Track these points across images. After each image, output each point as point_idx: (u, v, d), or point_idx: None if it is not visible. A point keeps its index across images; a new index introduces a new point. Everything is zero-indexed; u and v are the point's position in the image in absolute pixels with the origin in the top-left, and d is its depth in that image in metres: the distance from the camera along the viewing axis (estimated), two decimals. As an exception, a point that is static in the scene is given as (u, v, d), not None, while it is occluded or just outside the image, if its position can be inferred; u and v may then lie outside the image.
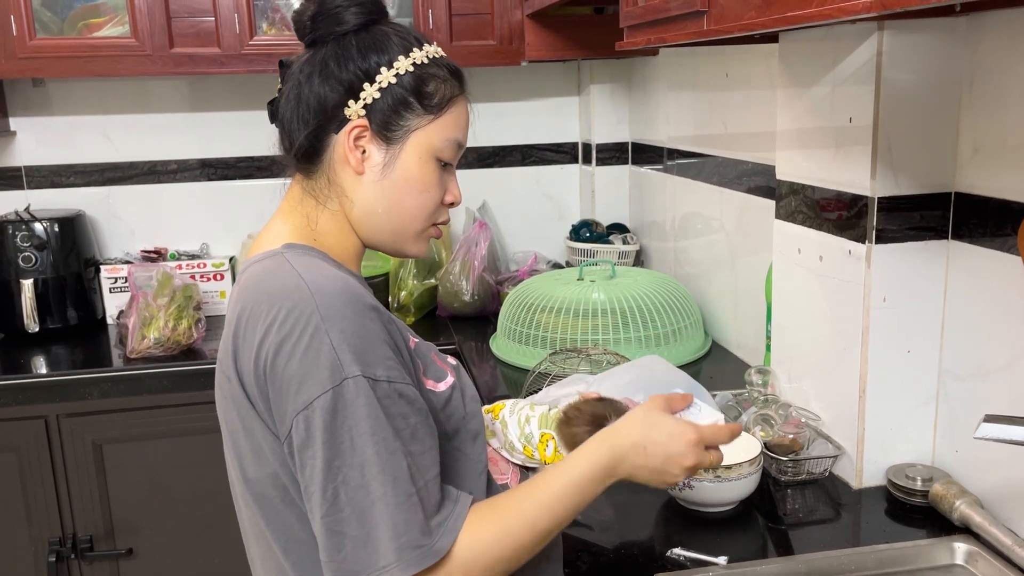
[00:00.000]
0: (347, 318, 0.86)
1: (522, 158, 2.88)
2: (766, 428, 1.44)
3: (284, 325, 0.86)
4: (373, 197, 0.98)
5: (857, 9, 0.84)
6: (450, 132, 0.99)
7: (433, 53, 1.00)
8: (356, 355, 0.84)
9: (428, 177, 0.99)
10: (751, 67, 1.84)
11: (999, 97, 1.19)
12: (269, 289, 0.90)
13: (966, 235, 1.26)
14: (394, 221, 1.00)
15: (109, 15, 2.31)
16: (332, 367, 0.83)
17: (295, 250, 0.96)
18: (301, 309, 0.86)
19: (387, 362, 0.87)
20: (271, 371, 0.86)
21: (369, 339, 0.86)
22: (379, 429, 0.83)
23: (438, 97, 0.98)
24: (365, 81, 0.96)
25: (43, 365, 2.24)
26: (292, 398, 0.84)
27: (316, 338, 0.84)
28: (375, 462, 0.83)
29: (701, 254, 2.20)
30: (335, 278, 0.90)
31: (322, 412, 0.83)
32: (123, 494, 2.21)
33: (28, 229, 2.37)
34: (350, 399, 0.83)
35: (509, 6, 2.44)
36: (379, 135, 0.97)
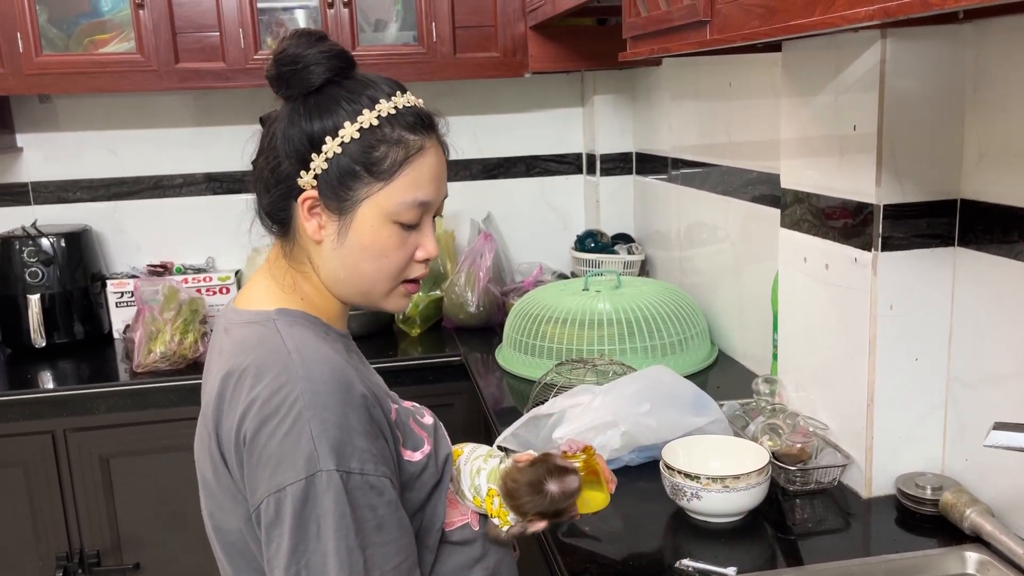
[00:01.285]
0: (329, 408, 0.88)
1: (526, 169, 2.88)
2: (774, 438, 1.43)
3: (269, 404, 0.88)
4: (334, 264, 0.98)
5: (860, 17, 0.84)
6: (405, 195, 0.96)
7: (388, 110, 0.96)
8: (333, 448, 0.86)
9: (384, 243, 0.97)
10: (754, 76, 1.84)
11: (1004, 103, 1.19)
12: (259, 362, 0.91)
13: (973, 242, 1.25)
14: (358, 285, 1.00)
15: (115, 31, 2.32)
16: (308, 457, 0.86)
17: (287, 318, 0.97)
18: (288, 392, 0.88)
19: (363, 454, 0.88)
20: (250, 445, 0.88)
21: (349, 431, 0.88)
22: (343, 525, 0.86)
23: (388, 162, 0.95)
24: (312, 151, 0.95)
25: (50, 380, 2.24)
26: (267, 478, 0.87)
27: (298, 424, 0.86)
28: (334, 555, 0.86)
29: (706, 263, 2.20)
30: (325, 360, 0.91)
31: (293, 499, 0.86)
32: (130, 509, 2.21)
33: (35, 244, 2.38)
34: (320, 491, 0.85)
35: (512, 19, 2.45)
36: (329, 205, 0.96)
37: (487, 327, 2.48)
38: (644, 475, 1.45)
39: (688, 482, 1.27)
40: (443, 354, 2.32)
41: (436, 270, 2.58)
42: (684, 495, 1.28)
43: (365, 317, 2.38)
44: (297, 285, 1.01)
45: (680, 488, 1.28)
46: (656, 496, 1.35)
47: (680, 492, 1.28)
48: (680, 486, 1.28)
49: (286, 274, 1.01)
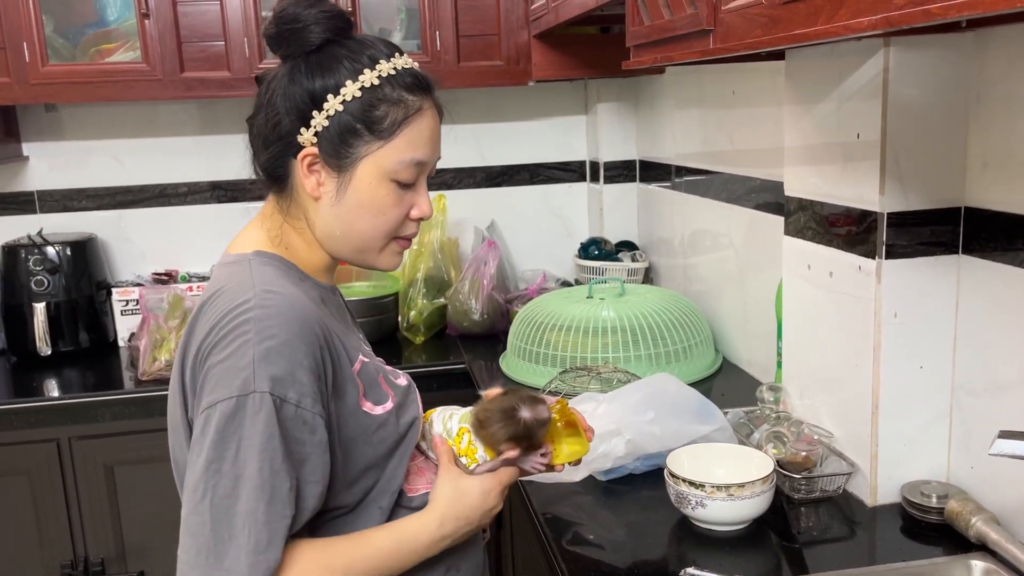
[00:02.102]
0: (276, 337, 0.89)
1: (530, 177, 2.89)
2: (778, 446, 1.43)
3: (222, 329, 0.90)
4: (330, 221, 1.01)
5: (863, 27, 0.84)
6: (404, 154, 0.99)
7: (388, 70, 0.98)
8: (271, 374, 0.87)
9: (382, 200, 1.00)
10: (757, 84, 1.85)
11: (1007, 112, 1.19)
12: (224, 291, 0.95)
13: (977, 250, 1.25)
14: (352, 242, 1.03)
15: (121, 41, 2.33)
16: (245, 378, 0.87)
17: (262, 258, 1.01)
18: (241, 319, 0.90)
19: (302, 388, 0.89)
20: (200, 367, 0.91)
21: (291, 361, 0.89)
22: (269, 448, 0.86)
23: (388, 121, 0.98)
24: (313, 108, 0.97)
25: (55, 388, 2.24)
26: (205, 396, 0.89)
27: (242, 348, 0.88)
28: (254, 477, 0.86)
29: (710, 271, 2.20)
30: (285, 296, 0.93)
31: (220, 415, 0.87)
32: (135, 517, 2.21)
33: (40, 253, 2.39)
34: (250, 412, 0.86)
35: (516, 27, 2.46)
36: (329, 163, 0.98)
37: (491, 335, 2.48)
38: (648, 483, 1.45)
39: (693, 490, 1.27)
40: (447, 362, 2.32)
41: (440, 278, 2.59)
42: (689, 503, 1.28)
43: (369, 325, 2.39)
44: (285, 237, 1.03)
45: (685, 496, 1.28)
46: (661, 504, 1.35)
47: (685, 500, 1.28)
48: (685, 494, 1.28)
49: (278, 228, 1.03)
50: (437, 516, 1.01)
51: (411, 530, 1.00)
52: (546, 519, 1.36)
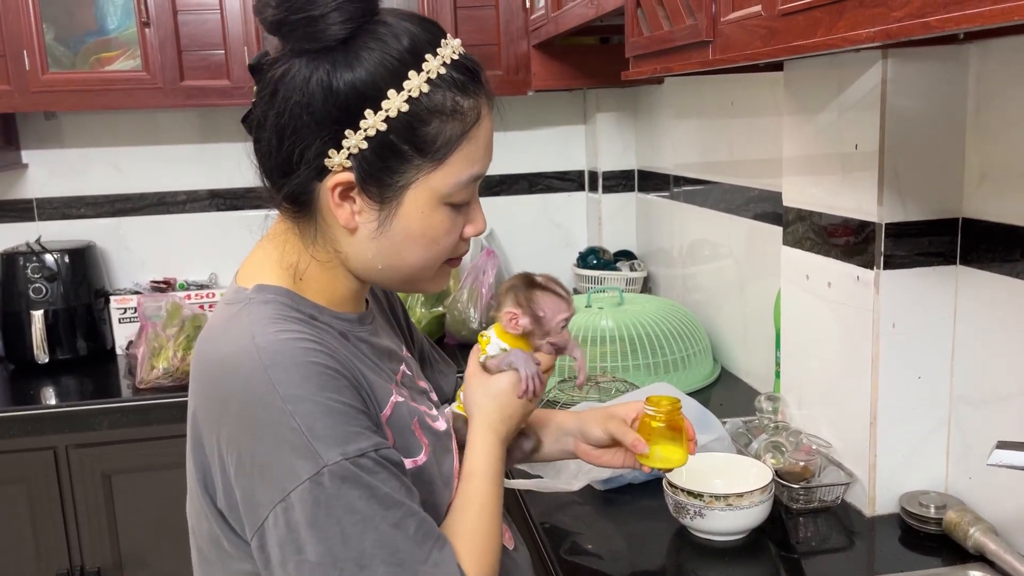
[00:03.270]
0: (309, 396, 0.75)
1: (529, 186, 2.89)
2: (777, 455, 1.43)
3: (239, 402, 0.76)
4: (370, 255, 0.84)
5: (861, 39, 0.84)
6: (461, 173, 0.82)
7: (437, 69, 0.80)
8: (332, 438, 0.75)
9: (436, 229, 0.84)
10: (756, 95, 1.86)
11: (1004, 123, 1.20)
12: (221, 353, 0.79)
13: (975, 260, 1.26)
14: (400, 273, 0.87)
15: (121, 49, 2.34)
16: (305, 455, 0.74)
17: (264, 294, 0.84)
18: (255, 387, 0.76)
19: (364, 432, 0.77)
20: (225, 449, 0.77)
21: (340, 415, 0.76)
22: (373, 512, 0.75)
23: (442, 139, 0.80)
24: (347, 127, 0.78)
25: (52, 396, 2.24)
26: (260, 489, 0.75)
27: (280, 426, 0.74)
28: (375, 550, 0.75)
29: (709, 280, 2.20)
30: (290, 340, 0.78)
31: (301, 506, 0.74)
32: (132, 525, 2.20)
33: (39, 260, 2.39)
34: (333, 490, 0.74)
35: (515, 37, 2.47)
36: (368, 192, 0.81)
37: (489, 344, 2.47)
38: (647, 493, 1.45)
39: (691, 500, 1.27)
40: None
41: (439, 287, 2.59)
42: (687, 513, 1.27)
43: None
44: (302, 267, 0.86)
45: (683, 506, 1.28)
46: (659, 514, 1.34)
47: (683, 510, 1.28)
48: (683, 504, 1.28)
49: (295, 256, 0.86)
50: (485, 428, 0.94)
51: (480, 460, 0.93)
52: (544, 528, 1.36)
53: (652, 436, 1.05)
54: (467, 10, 2.44)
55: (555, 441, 1.15)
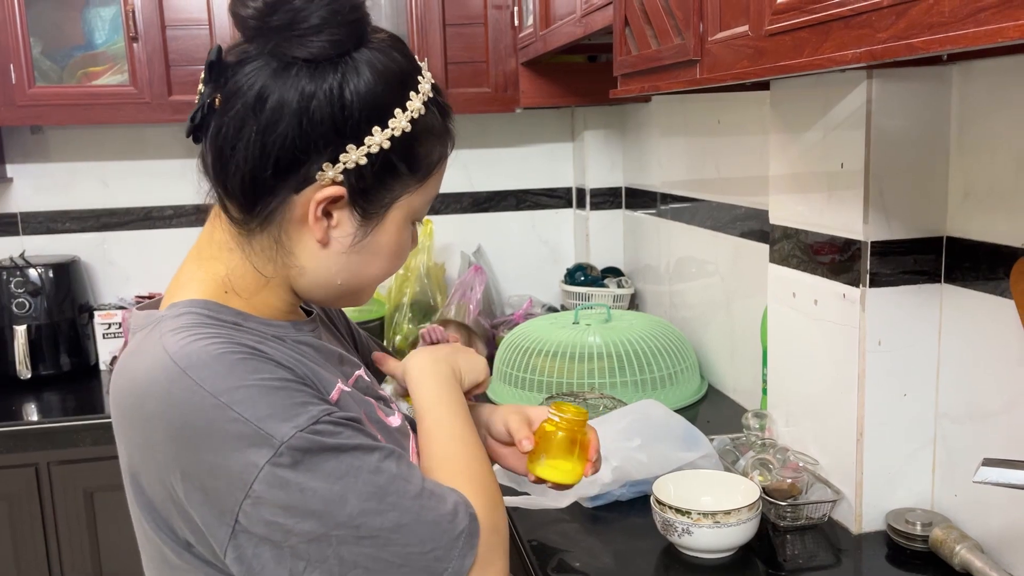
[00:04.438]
0: (240, 378, 0.71)
1: (517, 203, 2.90)
2: (764, 473, 1.43)
3: (166, 420, 0.70)
4: (334, 270, 0.81)
5: (847, 60, 0.85)
6: (432, 192, 0.85)
7: (427, 91, 0.81)
8: (277, 413, 0.70)
9: (403, 245, 0.85)
10: (742, 113, 1.87)
11: (987, 143, 1.21)
12: (134, 376, 0.74)
13: (959, 279, 1.27)
14: (350, 287, 0.85)
15: (108, 64, 2.34)
16: (257, 440, 0.69)
17: (175, 310, 0.78)
18: (179, 395, 0.70)
19: (312, 399, 0.73)
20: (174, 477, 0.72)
21: (280, 387, 0.72)
22: (348, 467, 0.71)
23: (428, 160, 0.82)
24: (349, 141, 0.76)
25: (34, 412, 2.22)
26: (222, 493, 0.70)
27: (219, 418, 0.69)
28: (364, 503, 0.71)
29: (696, 297, 2.21)
30: (211, 338, 0.73)
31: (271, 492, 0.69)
32: (114, 543, 2.18)
33: (23, 275, 2.37)
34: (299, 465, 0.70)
35: (504, 55, 2.48)
36: (355, 205, 0.79)
37: (477, 360, 2.47)
38: (635, 510, 1.44)
39: (679, 517, 1.26)
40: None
41: (426, 303, 2.59)
42: (675, 530, 1.27)
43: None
44: (232, 279, 0.81)
45: (671, 523, 1.27)
46: (647, 531, 1.34)
47: (671, 527, 1.28)
48: (671, 521, 1.27)
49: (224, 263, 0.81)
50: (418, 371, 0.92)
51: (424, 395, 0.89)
52: (531, 546, 1.35)
53: (548, 444, 0.97)
54: (456, 27, 2.45)
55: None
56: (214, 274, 0.81)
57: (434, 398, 0.90)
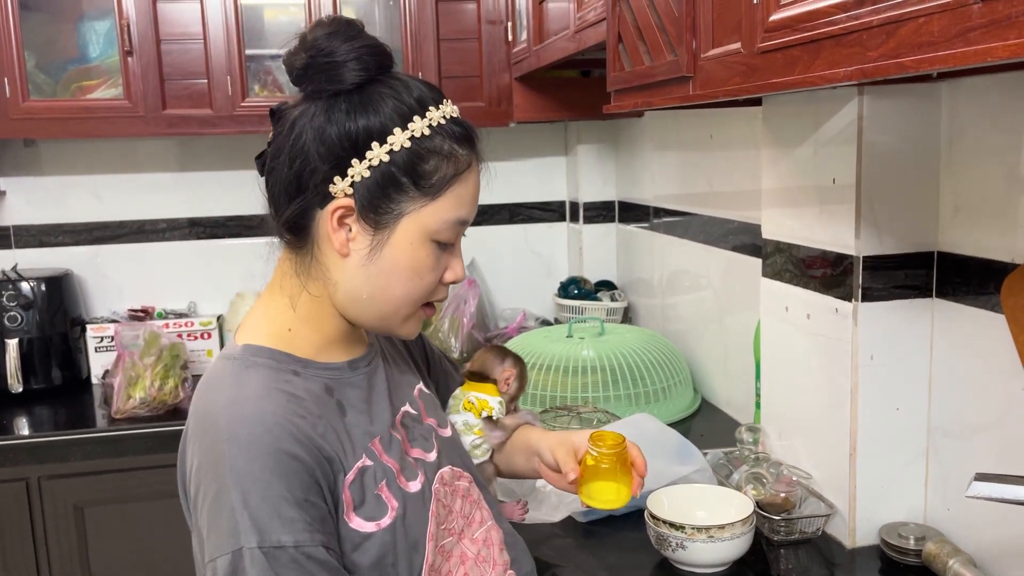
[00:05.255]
0: (251, 476, 0.81)
1: (510, 216, 2.91)
2: (758, 487, 1.44)
3: (201, 468, 0.85)
4: (358, 282, 0.90)
5: (838, 77, 0.86)
6: (450, 213, 0.90)
7: (438, 119, 0.89)
8: (256, 523, 0.80)
9: (421, 263, 0.90)
10: (735, 128, 1.88)
11: (977, 159, 1.22)
12: (199, 413, 0.88)
13: (950, 293, 1.28)
14: (380, 307, 0.92)
15: (103, 77, 2.34)
16: (231, 531, 0.80)
17: (254, 357, 0.90)
18: (214, 458, 0.83)
19: (294, 525, 0.81)
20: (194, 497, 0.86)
21: (274, 502, 0.81)
22: None
23: (436, 177, 0.88)
24: (353, 156, 0.86)
25: (25, 426, 2.20)
26: (204, 543, 0.83)
27: (221, 496, 0.81)
28: None
29: (689, 311, 2.21)
30: (256, 419, 0.84)
31: (222, 573, 0.80)
32: (104, 559, 2.16)
33: (15, 288, 2.36)
34: (247, 568, 0.79)
35: (497, 69, 2.49)
36: (365, 217, 0.88)
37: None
38: (629, 525, 1.44)
39: (673, 532, 1.26)
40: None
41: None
42: (669, 545, 1.27)
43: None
44: (293, 308, 0.93)
45: (665, 538, 1.27)
46: (641, 546, 1.34)
47: (665, 542, 1.28)
48: (665, 536, 1.27)
49: (287, 293, 0.94)
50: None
51: None
52: (526, 561, 1.35)
53: (592, 474, 1.05)
54: (450, 42, 2.47)
55: (526, 460, 1.19)
56: (280, 312, 0.94)
57: None
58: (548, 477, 1.13)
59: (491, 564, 1.02)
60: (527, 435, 1.21)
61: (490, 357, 1.29)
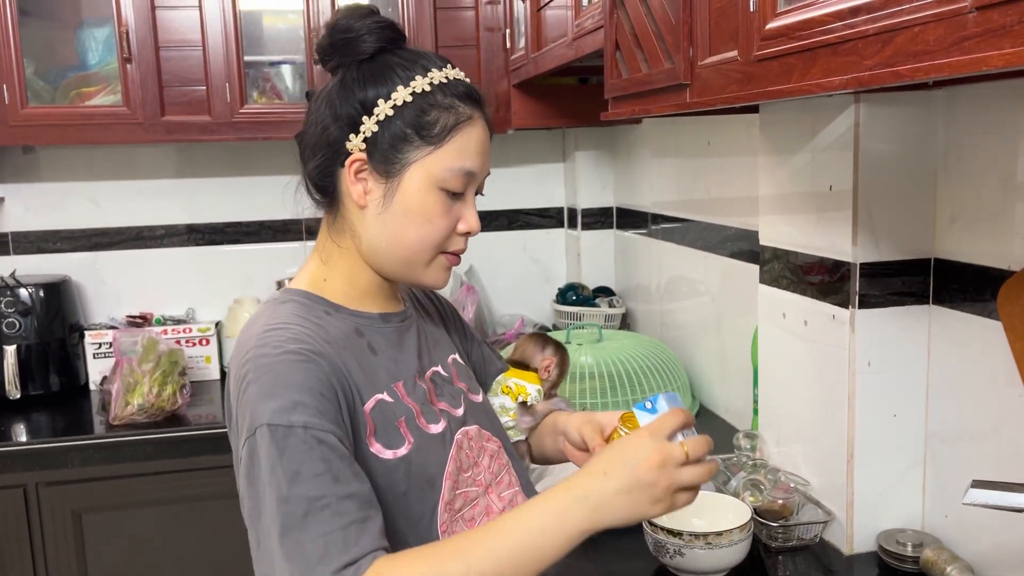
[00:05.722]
0: (272, 370, 0.89)
1: (509, 223, 2.91)
2: (755, 493, 1.44)
3: (234, 383, 0.93)
4: (376, 231, 0.99)
5: (834, 86, 0.87)
6: (454, 161, 0.98)
7: (440, 79, 0.98)
8: (269, 406, 0.86)
9: (430, 208, 0.98)
10: (732, 135, 1.89)
11: (973, 166, 1.23)
12: (238, 343, 0.97)
13: (947, 300, 1.28)
14: (398, 253, 1.00)
15: (102, 84, 2.34)
16: (252, 418, 0.87)
17: (289, 295, 1.01)
18: (243, 365, 0.91)
19: (306, 409, 0.86)
20: (232, 428, 0.94)
21: (289, 386, 0.87)
22: (274, 480, 0.83)
23: (439, 127, 0.97)
24: (364, 114, 0.97)
25: (23, 432, 2.20)
26: (236, 428, 0.91)
27: (247, 392, 0.89)
28: (261, 507, 0.85)
29: (687, 317, 2.22)
30: (285, 332, 0.93)
31: (244, 461, 0.87)
32: (102, 566, 2.16)
33: (13, 295, 2.36)
34: (260, 447, 0.85)
35: (496, 76, 2.50)
36: (377, 168, 0.97)
37: (468, 380, 2.47)
38: (627, 531, 1.43)
39: (671, 539, 1.26)
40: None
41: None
42: (667, 552, 1.27)
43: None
44: (327, 263, 1.03)
45: (663, 545, 1.27)
46: (639, 553, 1.34)
47: (663, 549, 1.28)
48: (663, 543, 1.27)
49: (323, 251, 1.04)
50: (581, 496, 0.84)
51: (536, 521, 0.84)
52: (524, 568, 1.35)
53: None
54: (448, 49, 2.47)
55: (553, 440, 1.20)
56: (319, 263, 1.04)
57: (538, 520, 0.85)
58: (573, 456, 1.13)
59: None
60: (555, 417, 1.23)
61: (530, 346, 1.32)
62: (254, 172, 2.71)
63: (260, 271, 2.71)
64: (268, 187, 2.71)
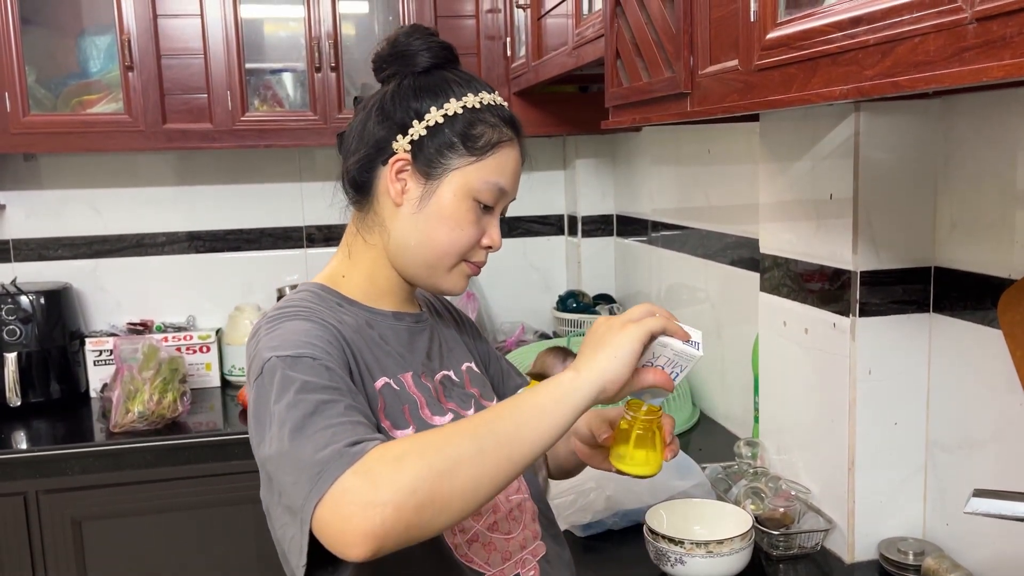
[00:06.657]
0: (281, 326, 0.94)
1: (509, 230, 2.91)
2: (756, 501, 1.44)
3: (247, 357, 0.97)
4: (407, 230, 1.03)
5: (834, 96, 0.87)
6: (491, 175, 1.03)
7: (489, 101, 1.05)
8: (278, 343, 0.90)
9: (462, 215, 1.02)
10: (732, 143, 1.89)
11: (973, 175, 1.23)
12: (253, 327, 1.01)
13: (947, 308, 1.28)
14: (425, 254, 1.03)
15: (103, 92, 2.35)
16: (260, 359, 0.91)
17: (305, 287, 1.06)
18: (253, 336, 0.96)
19: (314, 347, 0.90)
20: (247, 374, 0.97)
21: (298, 334, 0.92)
22: (283, 396, 0.86)
23: (483, 140, 1.02)
24: (415, 119, 1.02)
25: (23, 440, 2.20)
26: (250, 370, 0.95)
27: (258, 347, 0.93)
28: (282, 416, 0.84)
29: (687, 325, 2.21)
30: (299, 310, 0.97)
31: (253, 399, 0.90)
32: (102, 573, 2.15)
33: (14, 302, 2.36)
34: (268, 377, 0.88)
35: (497, 84, 2.50)
36: (419, 170, 1.02)
37: (469, 387, 2.47)
38: (628, 539, 1.44)
39: (672, 547, 1.26)
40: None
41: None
42: (668, 560, 1.27)
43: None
44: (355, 255, 1.07)
45: (664, 553, 1.27)
46: (640, 561, 1.34)
47: (664, 557, 1.28)
48: (664, 551, 1.27)
49: (347, 248, 1.08)
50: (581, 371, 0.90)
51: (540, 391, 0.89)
52: None
53: (625, 440, 1.04)
54: (449, 57, 2.47)
55: (564, 441, 1.17)
56: (343, 258, 1.09)
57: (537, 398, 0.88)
58: (582, 452, 1.13)
59: (521, 525, 1.07)
60: None
61: (550, 358, 1.30)
62: (255, 180, 2.72)
63: (261, 278, 2.71)
64: (269, 195, 2.71)
